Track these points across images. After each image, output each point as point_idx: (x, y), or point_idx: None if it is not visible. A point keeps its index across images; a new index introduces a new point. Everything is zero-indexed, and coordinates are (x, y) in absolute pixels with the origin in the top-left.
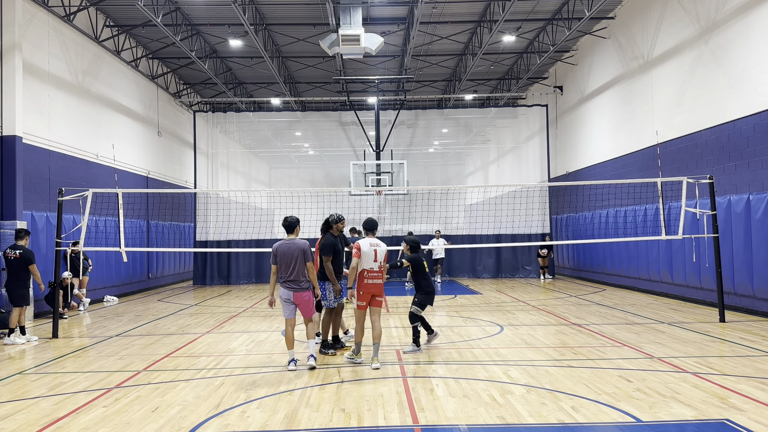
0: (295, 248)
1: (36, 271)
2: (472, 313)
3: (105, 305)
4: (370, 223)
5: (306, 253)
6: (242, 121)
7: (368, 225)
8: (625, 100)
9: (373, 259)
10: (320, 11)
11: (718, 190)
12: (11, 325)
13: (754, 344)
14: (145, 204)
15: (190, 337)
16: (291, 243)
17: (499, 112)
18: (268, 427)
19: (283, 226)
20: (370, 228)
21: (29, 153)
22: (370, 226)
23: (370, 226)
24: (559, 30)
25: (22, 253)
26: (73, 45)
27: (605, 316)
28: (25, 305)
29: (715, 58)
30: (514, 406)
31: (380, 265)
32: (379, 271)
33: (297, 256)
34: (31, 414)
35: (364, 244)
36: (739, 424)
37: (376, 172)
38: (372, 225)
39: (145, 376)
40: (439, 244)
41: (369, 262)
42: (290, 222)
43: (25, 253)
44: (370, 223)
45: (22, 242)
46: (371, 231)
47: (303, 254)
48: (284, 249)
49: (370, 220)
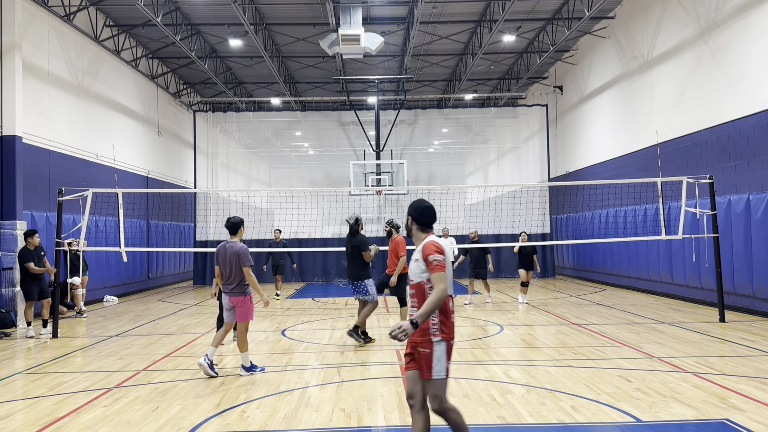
0: (231, 252)
1: (32, 268)
2: (472, 313)
3: (105, 305)
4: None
5: (241, 257)
6: (242, 121)
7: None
8: (625, 100)
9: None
10: (320, 11)
11: (718, 190)
12: (27, 318)
13: (754, 344)
14: (145, 204)
15: (190, 337)
16: (230, 246)
17: (499, 112)
18: (268, 427)
19: (226, 227)
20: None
21: (29, 153)
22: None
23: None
24: (559, 30)
25: (18, 253)
26: (73, 45)
27: (605, 316)
28: (29, 300)
29: (715, 58)
30: (514, 406)
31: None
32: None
33: (233, 260)
34: (31, 414)
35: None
36: (739, 424)
37: (376, 172)
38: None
39: (145, 376)
40: (446, 244)
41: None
42: (233, 222)
43: (19, 253)
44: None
45: (25, 243)
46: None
47: (238, 258)
48: (222, 252)
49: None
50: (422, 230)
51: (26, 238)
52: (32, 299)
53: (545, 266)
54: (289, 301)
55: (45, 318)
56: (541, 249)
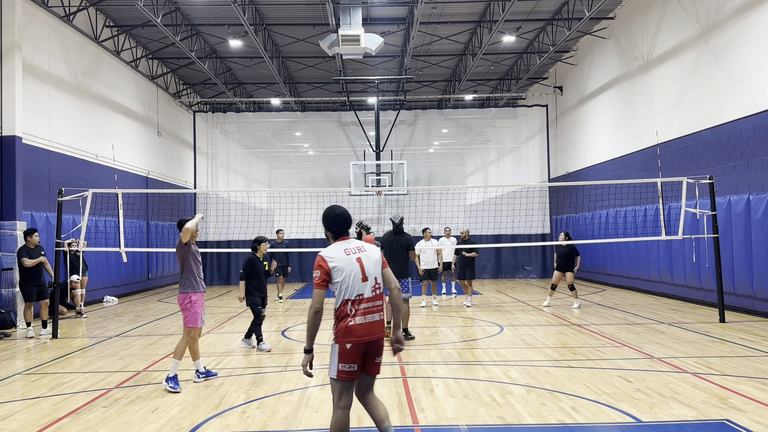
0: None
1: (26, 262)
2: (472, 314)
3: (105, 305)
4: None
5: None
6: (242, 122)
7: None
8: (625, 100)
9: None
10: (320, 11)
11: (718, 190)
12: (26, 319)
13: (754, 344)
14: (145, 204)
15: None
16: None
17: (499, 113)
18: (268, 428)
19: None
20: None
21: (29, 153)
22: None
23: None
24: (559, 30)
25: (17, 251)
26: (72, 45)
27: (605, 316)
28: (28, 301)
29: (715, 58)
30: (514, 407)
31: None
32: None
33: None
34: (31, 414)
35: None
36: (739, 425)
37: (376, 172)
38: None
39: (145, 376)
40: (448, 244)
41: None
42: (179, 221)
43: (18, 251)
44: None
45: (24, 242)
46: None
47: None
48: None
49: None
50: (334, 238)
51: (25, 237)
52: (31, 300)
53: (545, 266)
54: (289, 302)
55: (44, 319)
56: (541, 249)
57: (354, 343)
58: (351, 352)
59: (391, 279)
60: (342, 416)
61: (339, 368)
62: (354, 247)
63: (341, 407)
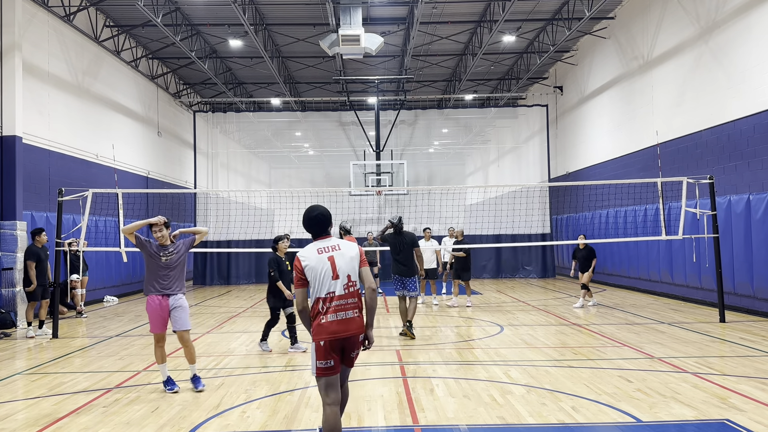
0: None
1: (30, 270)
2: (472, 313)
3: (105, 305)
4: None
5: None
6: (242, 122)
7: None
8: (626, 100)
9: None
10: (320, 11)
11: (718, 190)
12: (27, 318)
13: (754, 344)
14: (145, 204)
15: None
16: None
17: (499, 112)
18: (268, 427)
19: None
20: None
21: (29, 153)
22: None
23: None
24: (559, 30)
25: (25, 251)
26: (73, 45)
27: (605, 316)
28: (32, 301)
29: (715, 58)
30: (514, 407)
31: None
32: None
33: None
34: (31, 414)
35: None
36: (740, 425)
37: (376, 172)
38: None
39: (145, 376)
40: (450, 244)
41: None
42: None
43: (26, 251)
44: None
45: (32, 241)
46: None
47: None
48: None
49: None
50: (313, 238)
51: (34, 237)
52: (35, 299)
53: (545, 266)
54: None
55: (42, 319)
56: (542, 249)
57: (327, 340)
58: (326, 348)
59: (367, 278)
60: (331, 413)
61: (317, 365)
62: (329, 245)
63: (329, 404)
